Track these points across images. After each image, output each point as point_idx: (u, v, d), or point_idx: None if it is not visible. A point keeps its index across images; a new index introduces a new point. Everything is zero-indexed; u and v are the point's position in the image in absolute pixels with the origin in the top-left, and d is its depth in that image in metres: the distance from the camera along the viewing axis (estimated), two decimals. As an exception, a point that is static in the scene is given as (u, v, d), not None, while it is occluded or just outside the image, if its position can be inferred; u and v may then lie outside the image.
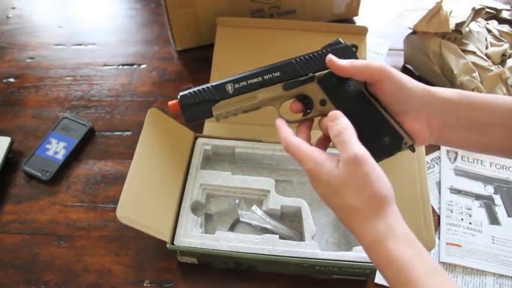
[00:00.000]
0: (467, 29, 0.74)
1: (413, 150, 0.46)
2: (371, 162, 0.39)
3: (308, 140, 0.46)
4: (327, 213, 0.64)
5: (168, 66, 0.85)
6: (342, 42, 0.48)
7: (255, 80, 0.47)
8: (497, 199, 0.67)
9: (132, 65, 0.86)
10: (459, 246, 0.63)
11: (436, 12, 0.72)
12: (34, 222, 0.67)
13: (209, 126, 0.71)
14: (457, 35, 0.74)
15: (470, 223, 0.65)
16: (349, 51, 0.47)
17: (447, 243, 0.63)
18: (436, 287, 0.35)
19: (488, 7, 0.79)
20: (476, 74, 0.71)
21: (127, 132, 0.76)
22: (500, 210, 0.66)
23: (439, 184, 0.69)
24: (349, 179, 0.39)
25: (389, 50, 0.86)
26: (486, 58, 0.73)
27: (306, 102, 0.48)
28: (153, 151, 0.61)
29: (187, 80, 0.83)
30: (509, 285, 0.60)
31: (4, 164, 0.70)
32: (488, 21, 0.79)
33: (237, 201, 0.63)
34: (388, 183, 0.39)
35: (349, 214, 0.40)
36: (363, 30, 0.74)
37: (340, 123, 0.42)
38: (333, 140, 0.42)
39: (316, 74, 0.47)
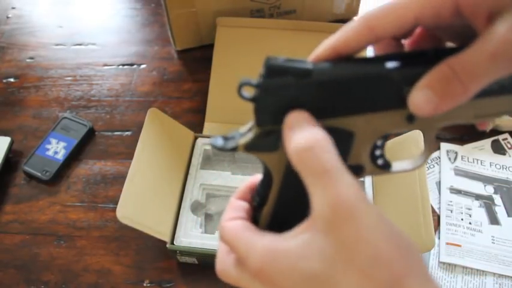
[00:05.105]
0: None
1: None
2: (370, 208, 0.21)
3: None
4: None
5: (168, 66, 0.85)
6: None
7: None
8: (497, 199, 0.67)
9: (132, 65, 0.86)
10: (459, 246, 0.63)
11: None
12: (34, 222, 0.67)
13: (209, 126, 0.71)
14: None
15: (470, 223, 0.65)
16: None
17: (447, 243, 0.63)
18: None
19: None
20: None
21: (127, 132, 0.76)
22: (500, 210, 0.66)
23: (439, 184, 0.69)
24: (336, 250, 0.21)
25: (389, 50, 0.86)
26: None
27: None
28: (153, 151, 0.61)
29: (187, 80, 0.83)
30: (509, 285, 0.60)
31: (4, 164, 0.70)
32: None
33: (237, 201, 0.63)
34: (405, 236, 0.22)
35: None
36: (363, 30, 0.74)
37: (308, 132, 0.23)
38: (294, 162, 0.23)
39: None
